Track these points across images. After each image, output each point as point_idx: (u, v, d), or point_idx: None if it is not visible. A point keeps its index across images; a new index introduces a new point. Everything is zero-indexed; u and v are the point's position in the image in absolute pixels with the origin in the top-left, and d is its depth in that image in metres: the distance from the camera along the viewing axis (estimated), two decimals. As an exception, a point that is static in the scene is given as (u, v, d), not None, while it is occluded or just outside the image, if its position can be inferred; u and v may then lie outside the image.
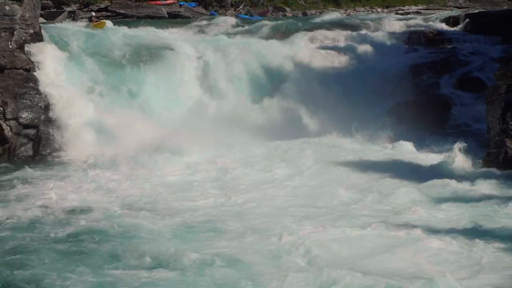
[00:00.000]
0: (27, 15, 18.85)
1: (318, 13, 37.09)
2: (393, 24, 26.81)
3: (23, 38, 18.54)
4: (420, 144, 16.89)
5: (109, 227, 10.71)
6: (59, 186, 13.50)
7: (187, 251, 9.37)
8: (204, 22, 27.83)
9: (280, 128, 18.97)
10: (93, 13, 18.41)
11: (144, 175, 14.65)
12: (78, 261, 9.23)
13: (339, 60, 23.16)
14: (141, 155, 15.90)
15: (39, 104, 17.54)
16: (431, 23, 26.93)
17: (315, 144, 17.66)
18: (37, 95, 17.65)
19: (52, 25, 22.04)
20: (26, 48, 18.60)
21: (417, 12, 35.99)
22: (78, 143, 17.14)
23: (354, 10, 39.47)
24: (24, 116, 17.23)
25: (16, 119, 17.12)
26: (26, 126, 17.24)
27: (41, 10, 22.98)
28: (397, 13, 35.25)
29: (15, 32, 18.27)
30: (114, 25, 22.72)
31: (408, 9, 38.74)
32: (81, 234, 10.39)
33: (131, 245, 9.79)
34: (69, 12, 30.23)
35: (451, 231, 10.14)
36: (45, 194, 12.84)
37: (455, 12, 32.39)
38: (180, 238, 10.24)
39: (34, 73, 18.21)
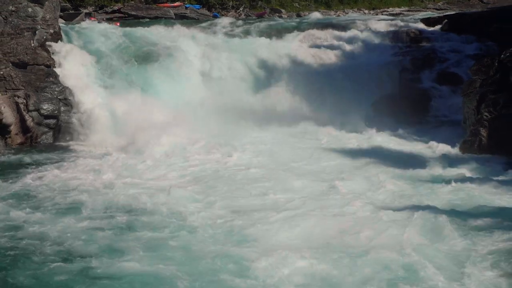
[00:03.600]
0: (48, 16, 18.82)
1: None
2: (379, 24, 26.65)
3: (44, 37, 18.50)
4: (403, 133, 16.85)
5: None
6: (71, 171, 13.42)
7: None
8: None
9: (273, 118, 18.93)
10: None
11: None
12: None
13: (328, 57, 23.04)
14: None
15: (59, 97, 17.53)
16: (413, 23, 26.81)
17: (305, 133, 17.61)
18: (57, 89, 17.63)
19: (70, 25, 21.93)
20: (47, 46, 18.53)
21: (400, 14, 35.82)
22: (95, 132, 17.13)
23: (343, 11, 39.17)
24: (45, 107, 17.23)
25: (37, 110, 17.13)
26: (46, 117, 17.23)
27: (61, 12, 22.85)
28: (382, 14, 35.03)
29: (37, 32, 18.29)
30: (125, 26, 22.60)
31: (392, 11, 38.44)
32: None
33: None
34: (86, 13, 30.06)
35: (432, 210, 10.13)
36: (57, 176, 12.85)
37: (434, 14, 32.28)
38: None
39: (54, 68, 18.18)
